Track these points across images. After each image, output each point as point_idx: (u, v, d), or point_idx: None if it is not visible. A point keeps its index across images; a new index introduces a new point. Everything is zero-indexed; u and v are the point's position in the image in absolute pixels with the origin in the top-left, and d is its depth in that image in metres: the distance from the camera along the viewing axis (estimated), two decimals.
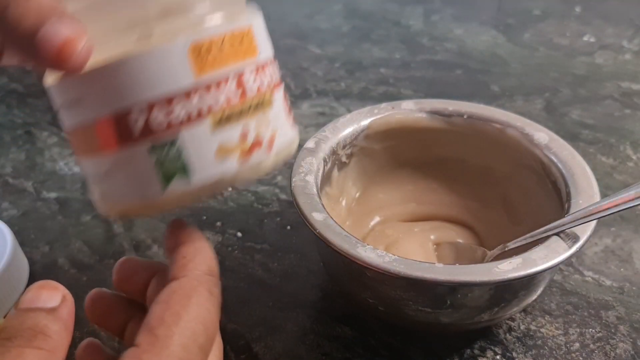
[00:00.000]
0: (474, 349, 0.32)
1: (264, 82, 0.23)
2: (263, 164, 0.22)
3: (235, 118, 0.21)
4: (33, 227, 0.43)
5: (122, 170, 0.22)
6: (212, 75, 0.21)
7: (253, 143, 0.22)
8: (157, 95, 0.20)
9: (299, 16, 0.81)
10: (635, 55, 0.66)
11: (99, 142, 0.21)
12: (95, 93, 0.21)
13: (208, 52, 0.21)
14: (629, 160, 0.48)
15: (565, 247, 0.27)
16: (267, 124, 0.22)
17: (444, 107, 0.38)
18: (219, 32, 0.21)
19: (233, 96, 0.21)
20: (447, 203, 0.40)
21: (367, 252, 0.27)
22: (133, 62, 0.20)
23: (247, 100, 0.22)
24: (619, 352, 0.32)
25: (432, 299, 0.28)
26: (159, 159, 0.21)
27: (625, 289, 0.36)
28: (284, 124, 0.24)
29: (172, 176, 0.21)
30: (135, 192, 0.22)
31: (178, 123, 0.20)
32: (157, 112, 0.20)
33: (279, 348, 0.33)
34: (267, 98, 0.23)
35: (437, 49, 0.70)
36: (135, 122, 0.20)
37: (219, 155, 0.21)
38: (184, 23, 0.21)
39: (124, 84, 0.20)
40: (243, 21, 0.22)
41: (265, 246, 0.40)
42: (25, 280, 0.38)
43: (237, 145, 0.22)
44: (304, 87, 0.62)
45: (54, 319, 0.19)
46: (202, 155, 0.21)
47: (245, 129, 0.22)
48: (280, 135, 0.23)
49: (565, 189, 0.31)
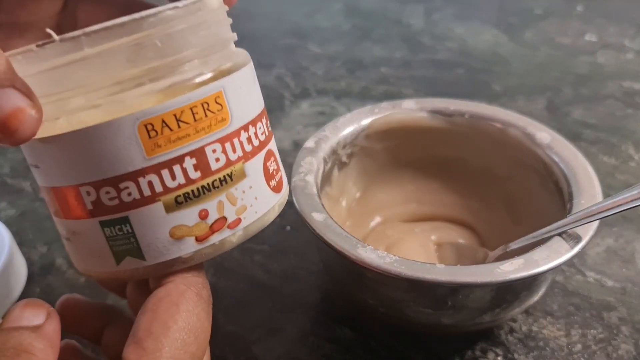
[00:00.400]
0: (475, 350, 0.32)
1: (235, 153, 0.20)
2: (226, 242, 0.21)
3: (193, 199, 0.20)
4: (31, 227, 0.43)
5: (79, 238, 0.21)
6: (164, 156, 0.19)
7: (214, 223, 0.20)
8: (104, 176, 0.19)
9: (299, 15, 0.81)
10: (637, 54, 0.66)
11: (59, 207, 0.21)
12: (48, 163, 0.20)
13: (160, 131, 0.19)
14: (631, 160, 0.48)
15: (568, 247, 0.27)
16: (234, 199, 0.21)
17: (445, 107, 0.38)
18: (174, 106, 0.19)
19: (191, 176, 0.19)
20: (449, 203, 0.39)
21: (368, 252, 0.27)
22: (81, 137, 0.19)
23: (208, 179, 0.20)
24: (621, 353, 0.32)
25: (433, 300, 0.28)
26: (110, 235, 0.20)
27: (628, 289, 0.36)
28: (260, 194, 0.22)
29: (125, 254, 0.20)
30: (92, 262, 0.21)
31: (128, 203, 0.19)
32: (106, 192, 0.19)
33: (278, 350, 0.33)
34: (238, 170, 0.21)
35: (438, 48, 0.70)
36: (87, 196, 0.19)
37: (173, 236, 0.20)
38: (138, 97, 0.19)
39: (71, 161, 0.19)
40: (208, 88, 0.20)
41: (264, 247, 0.40)
42: (23, 280, 0.38)
43: (194, 227, 0.20)
44: (304, 87, 0.62)
45: (38, 336, 0.19)
46: (154, 237, 0.20)
47: (205, 210, 0.20)
48: (253, 208, 0.21)
49: (567, 189, 0.31)
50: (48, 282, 0.38)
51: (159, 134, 0.19)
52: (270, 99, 0.59)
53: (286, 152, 0.51)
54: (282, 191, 0.23)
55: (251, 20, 0.79)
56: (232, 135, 0.20)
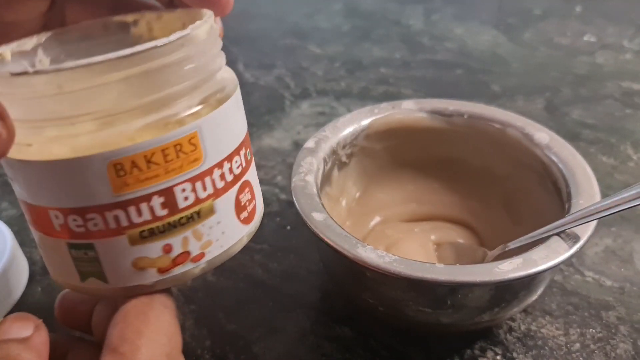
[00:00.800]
0: (474, 349, 0.32)
1: (206, 191, 0.20)
2: (188, 274, 0.21)
3: (158, 234, 0.20)
4: None
5: (49, 250, 0.21)
6: (132, 195, 0.19)
7: (177, 257, 0.21)
8: (72, 205, 0.19)
9: (299, 15, 0.81)
10: (636, 54, 0.66)
11: (31, 219, 0.21)
12: (21, 181, 0.20)
13: (130, 171, 0.19)
14: (630, 160, 0.48)
15: (566, 247, 0.27)
16: (200, 235, 0.21)
17: (445, 107, 0.38)
18: (145, 147, 0.19)
19: (158, 213, 0.20)
20: (448, 203, 0.40)
21: (367, 252, 0.27)
22: (52, 167, 0.19)
23: (175, 216, 0.20)
24: (619, 352, 0.32)
25: (432, 299, 0.28)
26: (76, 256, 0.20)
27: (626, 289, 0.36)
28: (228, 228, 0.22)
29: (89, 275, 0.21)
30: (59, 273, 0.22)
31: (94, 232, 0.20)
32: (73, 219, 0.19)
33: (278, 349, 0.33)
34: (206, 207, 0.21)
35: (438, 49, 0.70)
36: (55, 219, 0.20)
37: (135, 267, 0.20)
38: (111, 136, 0.18)
39: (41, 186, 0.19)
40: (183, 129, 0.19)
41: (265, 246, 0.40)
42: (25, 280, 0.38)
43: (157, 259, 0.20)
44: (304, 87, 0.62)
45: (26, 347, 0.19)
46: (117, 265, 0.20)
47: (169, 245, 0.20)
48: (219, 242, 0.22)
49: (566, 189, 0.31)
50: (49, 281, 0.38)
51: (128, 173, 0.19)
52: (270, 99, 0.59)
53: (286, 152, 0.51)
54: (253, 221, 0.23)
55: (251, 20, 0.79)
56: (203, 175, 0.20)
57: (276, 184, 0.46)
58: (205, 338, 0.34)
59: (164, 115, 0.19)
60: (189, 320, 0.35)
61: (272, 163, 0.49)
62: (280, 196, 0.45)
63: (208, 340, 0.34)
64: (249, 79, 0.63)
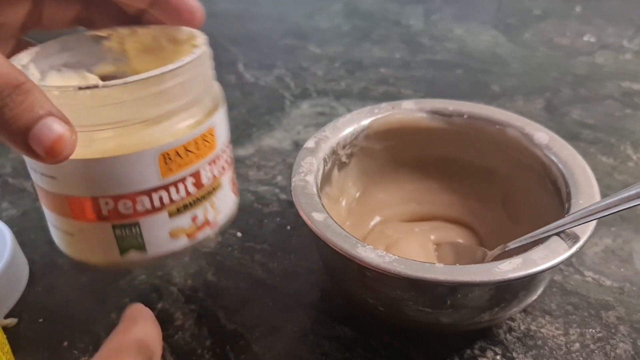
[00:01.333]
0: (474, 349, 0.32)
1: (217, 170, 0.26)
2: (209, 238, 0.27)
3: (190, 207, 0.25)
4: (33, 227, 0.43)
5: (88, 235, 0.25)
6: (174, 177, 0.24)
7: (201, 225, 0.26)
8: (124, 192, 0.23)
9: (299, 16, 0.81)
10: (635, 55, 0.66)
11: (70, 211, 0.24)
12: (72, 178, 0.23)
13: (174, 159, 0.24)
14: (629, 160, 0.48)
15: (566, 247, 0.27)
16: (214, 205, 0.27)
17: (444, 107, 0.38)
18: (185, 140, 0.24)
19: (190, 190, 0.25)
20: (448, 203, 0.40)
21: (367, 252, 0.27)
22: (109, 162, 0.23)
23: (201, 191, 0.26)
24: (619, 352, 0.32)
25: (432, 299, 0.28)
26: (121, 235, 0.24)
27: (626, 289, 0.36)
28: (228, 197, 0.28)
29: (130, 248, 0.25)
30: (96, 253, 0.25)
31: (141, 212, 0.24)
32: (124, 204, 0.24)
33: (279, 348, 0.33)
34: (218, 183, 0.27)
35: (438, 49, 0.70)
36: (105, 206, 0.24)
37: (172, 236, 0.25)
38: (159, 133, 0.23)
39: (95, 179, 0.23)
40: (206, 124, 0.25)
41: (265, 246, 0.40)
42: (25, 280, 0.38)
43: (188, 228, 0.26)
44: (304, 87, 0.62)
45: None
46: (157, 236, 0.25)
47: (195, 215, 0.26)
48: (225, 209, 0.28)
49: (566, 189, 0.31)
50: (50, 281, 0.38)
51: (173, 161, 0.24)
52: (270, 100, 0.59)
53: (286, 152, 0.51)
54: (238, 194, 0.30)
55: (252, 21, 0.79)
56: (217, 158, 0.26)
57: (276, 184, 0.47)
58: (205, 338, 0.34)
59: (193, 115, 0.24)
60: (189, 320, 0.35)
61: (272, 163, 0.49)
62: (280, 196, 0.45)
63: (208, 339, 0.34)
64: (249, 79, 0.63)
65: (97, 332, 0.34)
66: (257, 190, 0.46)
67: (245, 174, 0.48)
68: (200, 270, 0.39)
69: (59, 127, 0.20)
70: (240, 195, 0.46)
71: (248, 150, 0.51)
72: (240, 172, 0.48)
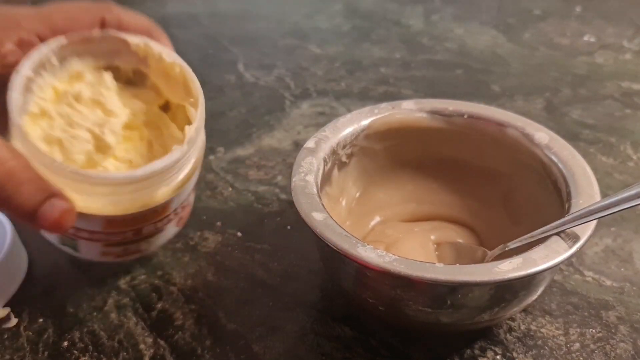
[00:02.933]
0: (474, 349, 0.32)
1: (163, 224, 0.34)
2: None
3: (124, 244, 0.34)
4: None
5: None
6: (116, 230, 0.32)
7: (133, 250, 0.35)
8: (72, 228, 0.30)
9: (299, 16, 0.81)
10: (635, 55, 0.66)
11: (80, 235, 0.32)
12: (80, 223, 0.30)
13: (119, 222, 0.31)
14: (630, 160, 0.48)
15: (566, 247, 0.27)
16: (149, 241, 0.35)
17: (444, 107, 0.38)
18: (161, 201, 0.31)
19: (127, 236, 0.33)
20: (448, 203, 0.40)
21: (367, 252, 0.27)
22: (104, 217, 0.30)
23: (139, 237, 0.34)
24: (619, 352, 0.32)
25: (432, 299, 0.28)
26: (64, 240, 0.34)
27: (626, 289, 0.36)
28: (169, 232, 0.36)
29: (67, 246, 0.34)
30: None
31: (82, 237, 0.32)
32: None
33: (279, 348, 0.33)
34: (161, 229, 0.35)
35: (437, 49, 0.70)
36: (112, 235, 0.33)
37: (103, 255, 0.34)
38: (142, 198, 0.30)
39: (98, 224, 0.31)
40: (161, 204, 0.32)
41: (265, 246, 0.40)
42: (24, 270, 0.38)
43: (118, 252, 0.34)
44: (304, 87, 0.62)
45: None
46: (90, 253, 0.34)
47: (127, 248, 0.34)
48: (162, 240, 0.36)
49: (566, 188, 0.31)
50: (49, 272, 0.38)
51: (118, 222, 0.31)
52: (270, 100, 0.59)
53: (286, 152, 0.51)
54: (183, 224, 0.38)
55: (251, 21, 0.79)
56: (165, 218, 0.34)
57: (276, 184, 0.47)
58: (205, 338, 0.34)
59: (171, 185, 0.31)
60: (189, 319, 0.35)
61: (272, 163, 0.49)
62: (280, 196, 0.45)
63: (208, 339, 0.34)
64: (249, 79, 0.63)
65: (97, 332, 0.34)
66: (257, 190, 0.46)
67: (245, 174, 0.48)
68: (200, 270, 0.39)
69: (60, 205, 0.25)
70: (240, 195, 0.46)
71: (248, 150, 0.51)
72: (240, 172, 0.48)
